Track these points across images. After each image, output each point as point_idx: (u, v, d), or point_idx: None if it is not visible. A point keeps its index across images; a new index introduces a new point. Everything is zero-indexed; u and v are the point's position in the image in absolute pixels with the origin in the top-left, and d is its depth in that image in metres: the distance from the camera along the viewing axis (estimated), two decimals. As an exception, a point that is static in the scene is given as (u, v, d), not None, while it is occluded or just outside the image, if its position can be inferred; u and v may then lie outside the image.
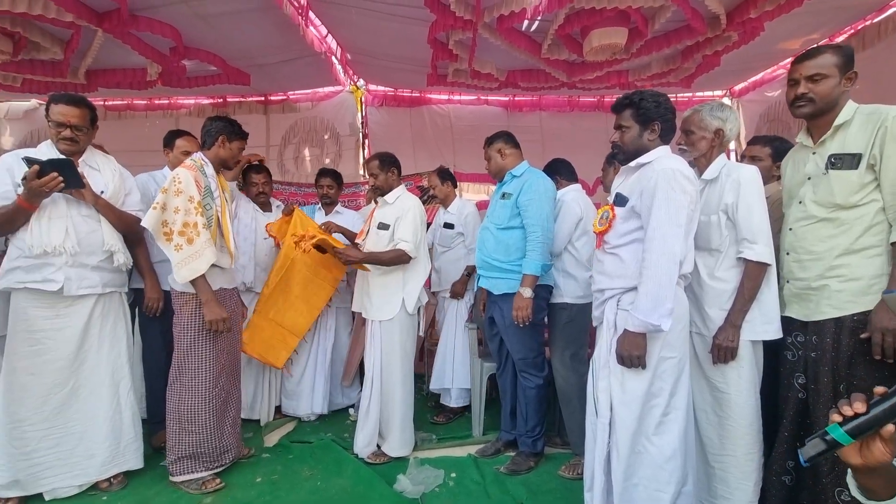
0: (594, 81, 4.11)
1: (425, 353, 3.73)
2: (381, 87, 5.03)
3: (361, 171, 5.13)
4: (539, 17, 3.15)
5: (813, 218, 1.66)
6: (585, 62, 3.70)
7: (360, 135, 5.13)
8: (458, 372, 3.12)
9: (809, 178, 1.68)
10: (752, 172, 1.74)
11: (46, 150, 2.01)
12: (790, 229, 1.74)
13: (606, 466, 1.66)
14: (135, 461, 2.18)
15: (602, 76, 3.97)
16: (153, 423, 2.56)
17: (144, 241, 2.40)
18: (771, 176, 2.14)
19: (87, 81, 3.96)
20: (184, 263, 2.01)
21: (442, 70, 4.11)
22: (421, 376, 3.72)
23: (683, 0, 2.81)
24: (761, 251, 1.69)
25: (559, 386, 2.45)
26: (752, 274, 1.70)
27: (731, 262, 1.75)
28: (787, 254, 1.74)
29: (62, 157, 1.96)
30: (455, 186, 3.48)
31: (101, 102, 4.79)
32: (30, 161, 1.83)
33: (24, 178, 1.82)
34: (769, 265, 1.71)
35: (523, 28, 3.42)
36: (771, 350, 1.79)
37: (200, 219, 2.04)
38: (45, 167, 1.83)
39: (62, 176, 1.85)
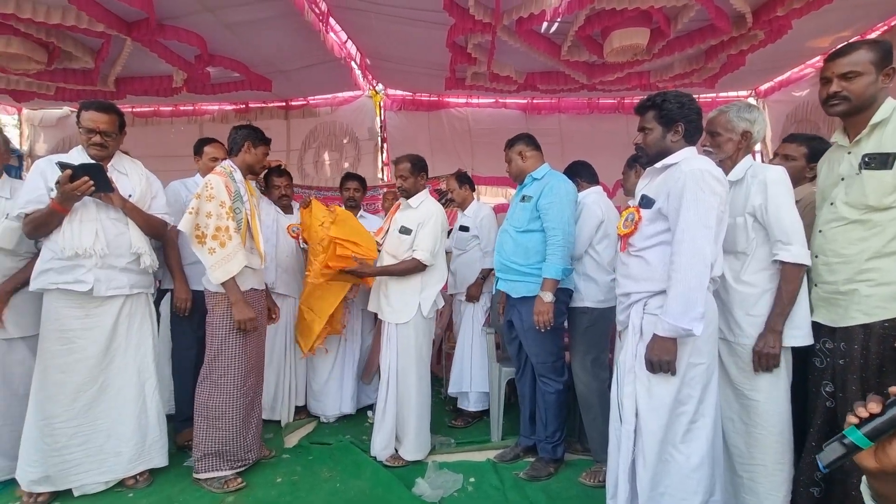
0: (614, 83, 4.07)
1: (443, 356, 3.72)
2: (399, 92, 5.07)
3: (380, 175, 5.18)
4: (559, 19, 3.13)
5: (843, 220, 1.60)
6: (606, 63, 3.66)
7: (379, 139, 5.18)
8: (476, 376, 3.11)
9: (843, 179, 1.63)
10: (779, 173, 1.70)
11: (77, 156, 2.08)
12: (820, 231, 1.69)
13: (631, 474, 1.62)
14: (160, 459, 2.23)
15: (623, 77, 3.92)
16: (179, 420, 2.62)
17: (175, 244, 2.47)
18: (803, 177, 2.07)
19: (116, 89, 4.09)
20: (217, 266, 2.08)
21: (460, 73, 4.11)
22: (439, 380, 3.72)
23: (707, -1, 2.76)
24: (797, 252, 1.64)
25: (580, 392, 2.42)
26: (791, 276, 1.65)
27: (758, 264, 1.71)
28: (816, 256, 1.69)
29: (93, 161, 2.02)
30: (473, 190, 3.48)
31: (129, 109, 4.94)
32: (62, 166, 1.91)
33: (58, 182, 1.89)
34: (807, 266, 1.66)
35: (542, 30, 3.40)
36: (800, 357, 1.73)
37: (231, 223, 2.12)
38: (77, 171, 1.90)
39: (93, 180, 1.92)
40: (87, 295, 2.00)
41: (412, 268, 2.45)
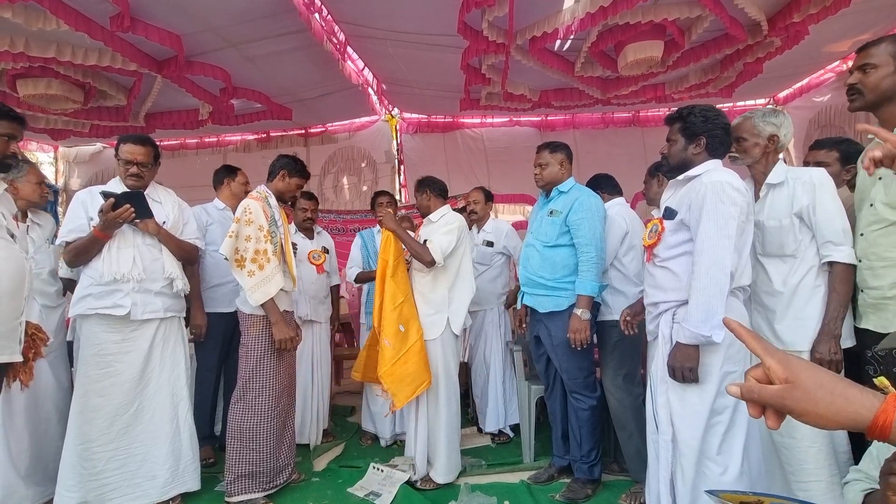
0: (629, 96, 4.08)
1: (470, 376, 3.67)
2: (414, 115, 5.18)
3: (398, 197, 5.25)
4: (572, 36, 3.18)
5: (884, 221, 1.55)
6: (620, 77, 3.68)
7: (396, 161, 5.27)
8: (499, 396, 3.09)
9: (880, 178, 1.58)
10: (823, 173, 1.70)
11: (115, 186, 2.17)
12: (861, 234, 1.63)
13: (672, 489, 1.58)
14: (193, 483, 2.22)
15: (637, 91, 3.94)
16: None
17: (196, 271, 2.55)
18: (841, 180, 2.02)
19: (146, 124, 4.28)
20: (256, 287, 2.14)
21: (475, 94, 4.19)
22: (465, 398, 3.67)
23: (721, 9, 2.77)
24: (850, 252, 1.61)
25: (613, 409, 2.34)
26: (844, 277, 1.61)
27: (807, 266, 1.67)
28: (860, 261, 1.63)
29: (134, 190, 2.11)
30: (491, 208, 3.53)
31: (158, 142, 5.14)
32: (106, 195, 1.99)
33: (101, 211, 1.98)
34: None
35: (556, 48, 3.45)
36: (855, 364, 1.66)
37: (269, 246, 2.18)
38: (120, 200, 1.99)
39: (133, 207, 2.00)
40: (124, 319, 2.06)
41: (422, 251, 2.39)
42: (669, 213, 1.70)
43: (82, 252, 2.04)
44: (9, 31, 2.83)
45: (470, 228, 3.26)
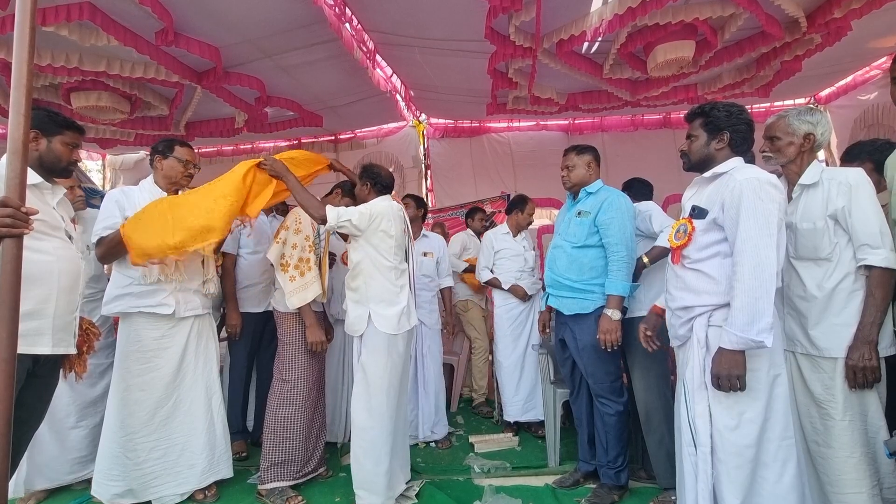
0: (660, 98, 4.01)
1: (494, 376, 3.66)
2: (441, 120, 5.24)
3: (425, 201, 5.32)
4: (600, 38, 3.16)
5: None
6: (650, 79, 3.63)
7: (423, 166, 5.34)
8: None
9: None
10: (860, 173, 1.61)
11: (149, 187, 2.33)
12: None
13: (714, 501, 1.51)
14: (227, 470, 2.34)
15: (668, 92, 3.86)
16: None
17: (230, 272, 2.69)
18: (882, 188, 1.93)
19: (186, 132, 4.50)
20: (295, 292, 2.28)
21: (501, 98, 4.20)
22: (490, 402, 3.66)
23: (756, 6, 2.70)
24: (888, 255, 1.53)
25: (643, 412, 2.29)
26: (881, 281, 1.54)
27: (843, 270, 1.60)
28: None
29: None
30: None
31: (196, 150, 5.38)
32: None
33: None
34: None
35: (583, 51, 3.43)
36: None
37: (312, 255, 2.33)
38: None
39: None
40: (165, 316, 2.17)
41: (315, 207, 2.11)
42: (700, 213, 1.64)
43: (115, 245, 2.02)
44: (64, 47, 3.05)
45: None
